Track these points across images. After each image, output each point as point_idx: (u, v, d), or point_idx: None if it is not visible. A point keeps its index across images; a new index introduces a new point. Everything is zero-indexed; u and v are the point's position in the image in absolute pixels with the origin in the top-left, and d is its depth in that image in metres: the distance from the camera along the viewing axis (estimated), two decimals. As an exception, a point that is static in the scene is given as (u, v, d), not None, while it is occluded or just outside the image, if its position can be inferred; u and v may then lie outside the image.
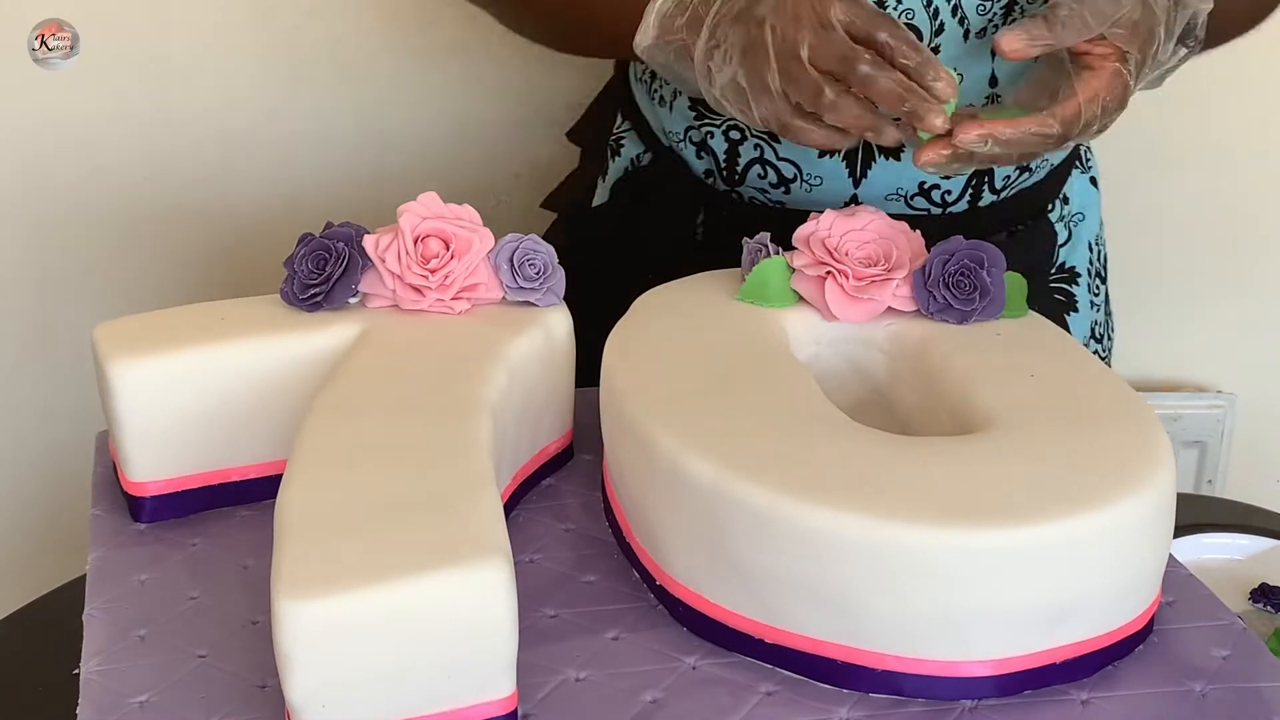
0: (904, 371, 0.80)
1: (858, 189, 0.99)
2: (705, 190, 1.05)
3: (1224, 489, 1.67)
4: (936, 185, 1.00)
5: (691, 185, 1.05)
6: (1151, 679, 0.67)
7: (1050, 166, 1.07)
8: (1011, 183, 1.03)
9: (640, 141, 1.10)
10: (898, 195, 1.00)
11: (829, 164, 0.99)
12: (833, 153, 0.98)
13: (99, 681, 0.67)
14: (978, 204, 1.03)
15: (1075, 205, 1.12)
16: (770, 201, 1.02)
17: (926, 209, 1.01)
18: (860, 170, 0.99)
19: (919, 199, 1.01)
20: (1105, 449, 0.68)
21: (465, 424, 0.71)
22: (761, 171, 1.01)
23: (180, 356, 0.78)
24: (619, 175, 1.11)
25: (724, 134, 1.01)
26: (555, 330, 0.82)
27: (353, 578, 0.59)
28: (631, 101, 1.10)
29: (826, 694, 0.66)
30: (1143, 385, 1.64)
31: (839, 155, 0.98)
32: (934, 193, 1.01)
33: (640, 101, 1.09)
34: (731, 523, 0.66)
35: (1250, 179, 1.59)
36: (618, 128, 1.12)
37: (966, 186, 1.01)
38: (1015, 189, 1.04)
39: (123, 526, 0.80)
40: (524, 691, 0.65)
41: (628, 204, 1.10)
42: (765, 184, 1.02)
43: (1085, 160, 1.14)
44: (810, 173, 1.00)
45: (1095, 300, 1.15)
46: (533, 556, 0.77)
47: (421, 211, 0.81)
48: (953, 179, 1.00)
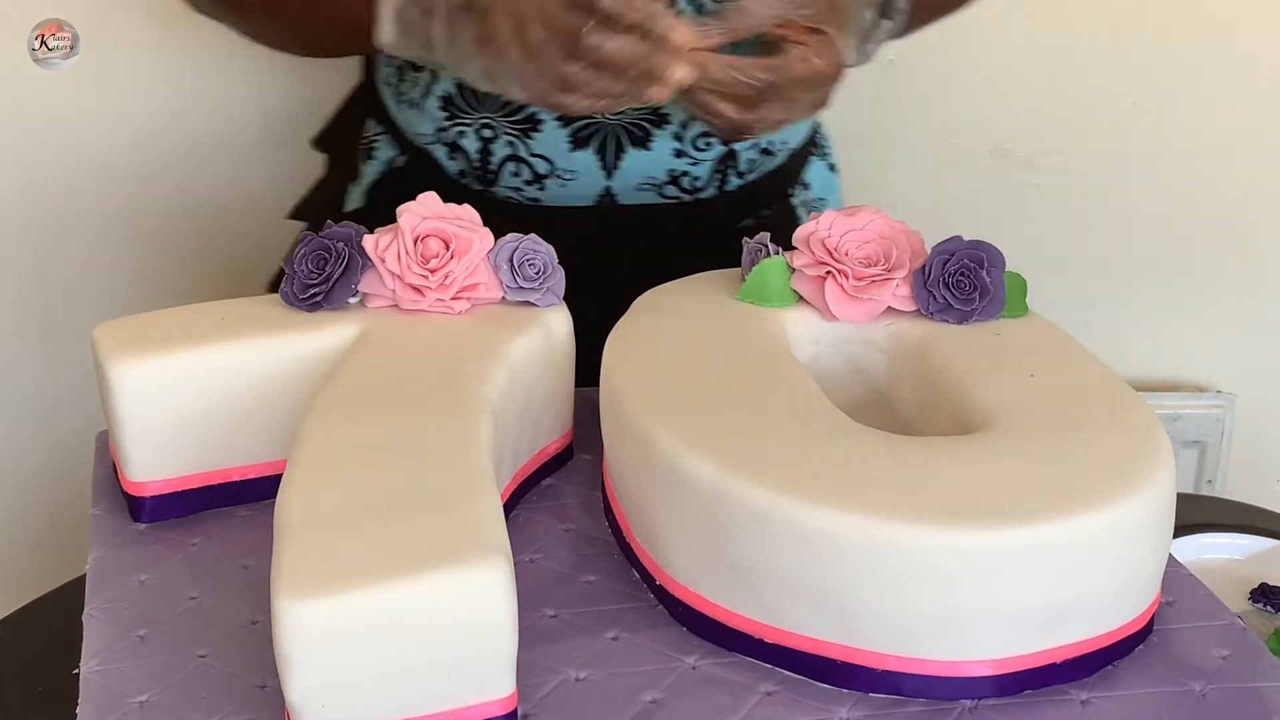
0: (904, 371, 0.80)
1: (610, 180, 1.01)
2: (460, 191, 1.04)
3: (1224, 489, 1.67)
4: (686, 173, 1.02)
5: (446, 187, 1.02)
6: (1151, 679, 0.67)
7: (790, 150, 1.09)
8: (755, 166, 1.06)
9: (394, 145, 1.09)
10: (649, 185, 1.02)
11: (581, 157, 1.00)
12: (583, 146, 0.99)
13: (99, 681, 0.67)
14: (725, 189, 1.05)
15: (816, 190, 1.14)
16: (525, 200, 1.03)
17: (677, 196, 1.03)
18: (612, 161, 1.00)
19: (669, 187, 1.03)
20: (1105, 449, 0.68)
21: (465, 424, 0.71)
22: (515, 169, 1.01)
23: (180, 356, 0.78)
24: (374, 179, 1.10)
25: (476, 133, 1.01)
26: (555, 330, 0.82)
27: (353, 578, 0.59)
28: (381, 105, 1.09)
29: (826, 694, 0.66)
30: (1143, 385, 1.64)
31: (591, 147, 0.99)
32: (684, 179, 1.03)
33: (389, 105, 1.08)
34: (731, 523, 0.66)
35: (1250, 179, 1.59)
36: (369, 132, 1.11)
37: (714, 173, 1.03)
38: (758, 172, 1.06)
39: (123, 526, 0.80)
40: (524, 691, 0.65)
41: (383, 208, 1.08)
42: (520, 181, 1.02)
43: (823, 148, 1.17)
44: (564, 167, 1.00)
45: None
46: (533, 556, 0.77)
47: (421, 211, 0.81)
48: (700, 165, 1.02)
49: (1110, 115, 1.55)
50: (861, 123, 1.54)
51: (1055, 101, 1.54)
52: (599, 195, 1.02)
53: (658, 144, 1.00)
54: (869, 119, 1.54)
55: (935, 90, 1.53)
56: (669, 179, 1.02)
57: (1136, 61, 1.53)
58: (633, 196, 1.02)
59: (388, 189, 1.09)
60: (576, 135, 0.99)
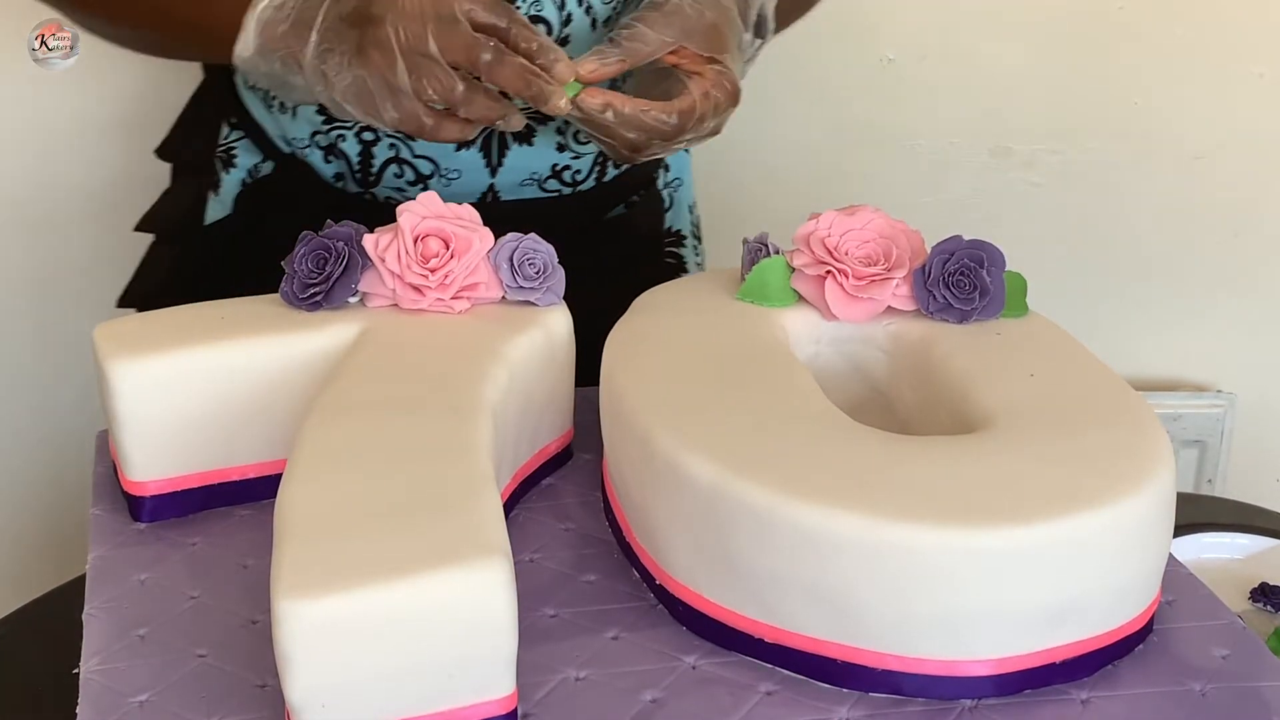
0: (904, 371, 0.80)
1: (495, 178, 1.01)
2: (337, 195, 1.03)
3: (1224, 489, 1.67)
4: (568, 167, 1.03)
5: (321, 191, 1.03)
6: (1151, 679, 0.67)
7: None
8: None
9: (257, 150, 1.06)
10: (532, 179, 1.02)
11: (466, 156, 0.99)
12: (468, 145, 0.99)
13: (99, 681, 0.67)
14: (603, 180, 1.06)
15: (673, 171, 1.15)
16: (408, 200, 1.00)
17: (559, 190, 1.04)
18: (497, 159, 1.00)
19: (552, 181, 1.03)
20: (1105, 449, 0.68)
21: (465, 424, 0.71)
22: (398, 170, 1.01)
23: (180, 356, 0.78)
24: (237, 187, 1.07)
25: (356, 136, 1.00)
26: (555, 330, 0.82)
27: (353, 578, 0.58)
28: (242, 110, 1.06)
29: (826, 694, 0.66)
30: (1143, 385, 1.64)
31: (476, 146, 0.99)
32: (565, 174, 1.03)
33: (254, 110, 1.05)
34: (731, 523, 0.66)
35: (1250, 179, 1.59)
36: (225, 138, 1.07)
37: (594, 165, 1.04)
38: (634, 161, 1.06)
39: (123, 526, 0.80)
40: (524, 691, 0.65)
41: (253, 216, 1.07)
42: (402, 182, 1.01)
43: None
44: (448, 167, 1.00)
45: (698, 260, 1.19)
46: (533, 556, 0.77)
47: (421, 211, 0.81)
48: (582, 159, 1.03)
49: (1110, 115, 1.55)
50: (861, 123, 1.54)
51: (1055, 101, 1.54)
52: (482, 193, 1.01)
53: (541, 140, 1.00)
54: (869, 119, 1.54)
55: (935, 90, 1.53)
56: (552, 173, 1.02)
57: (1137, 61, 1.53)
58: (516, 192, 1.02)
59: (255, 198, 1.06)
60: None
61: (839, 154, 1.56)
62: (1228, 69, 1.54)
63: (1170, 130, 1.56)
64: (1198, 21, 1.52)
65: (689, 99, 0.88)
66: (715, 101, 0.89)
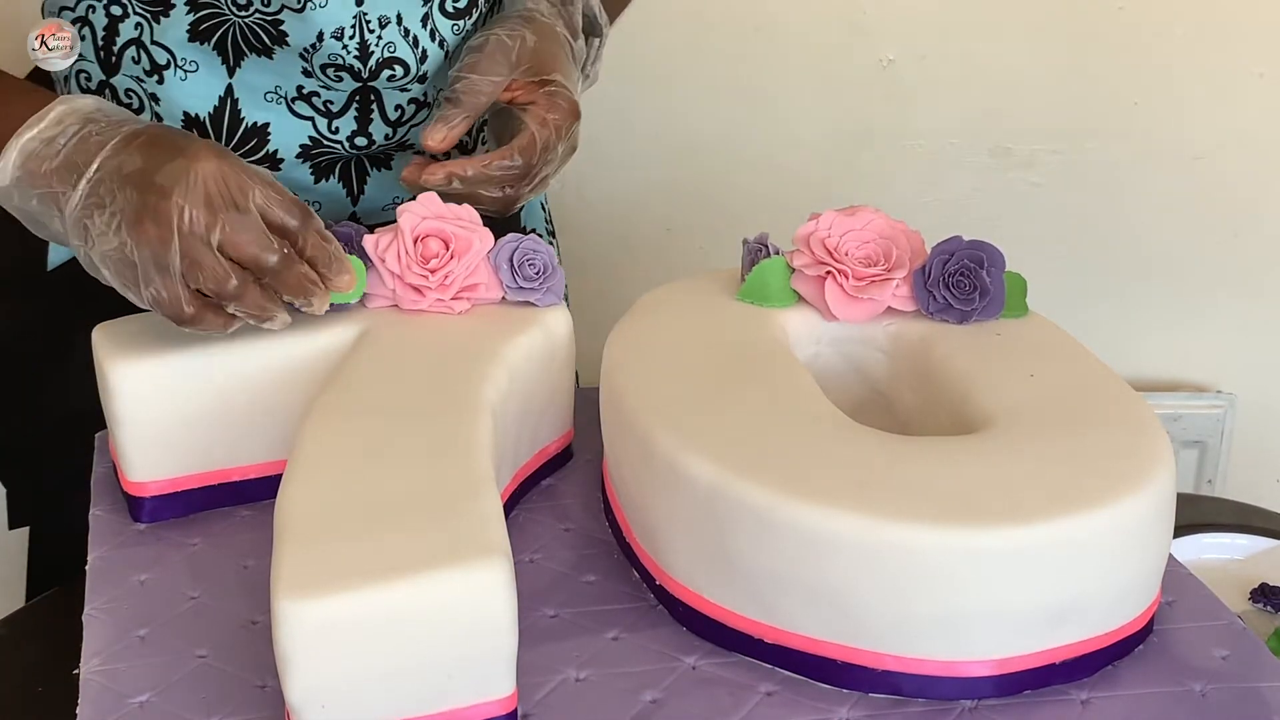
0: (904, 371, 0.80)
1: (356, 206, 0.99)
2: None
3: (1224, 489, 1.67)
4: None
5: None
6: (1151, 679, 0.67)
7: None
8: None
9: None
10: (394, 203, 1.00)
11: (325, 187, 0.97)
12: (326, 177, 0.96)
13: (99, 681, 0.67)
14: None
15: None
16: None
17: None
18: (357, 189, 0.99)
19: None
20: (1105, 449, 0.68)
21: (465, 424, 0.71)
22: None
23: (180, 356, 0.78)
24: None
25: None
26: (555, 330, 0.82)
27: (353, 578, 0.59)
28: None
29: (826, 694, 0.66)
30: (1143, 385, 1.64)
31: (334, 176, 0.97)
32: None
33: None
34: (731, 523, 0.66)
35: (1250, 179, 1.59)
36: None
37: None
38: None
39: (123, 526, 0.80)
40: (524, 691, 0.65)
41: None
42: None
43: None
44: (307, 199, 0.96)
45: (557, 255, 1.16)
46: (533, 556, 0.77)
47: (421, 211, 0.81)
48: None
49: (1110, 115, 1.55)
50: (861, 123, 1.54)
51: (1055, 101, 1.54)
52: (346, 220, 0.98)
53: (399, 164, 0.98)
54: (869, 119, 1.54)
55: (935, 90, 1.53)
56: (413, 196, 0.95)
57: (1137, 61, 1.53)
58: (379, 216, 1.00)
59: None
60: (317, 167, 0.96)
61: (839, 154, 1.56)
62: (1228, 69, 1.54)
63: (1170, 130, 1.56)
64: (1198, 21, 1.52)
65: (526, 133, 0.87)
66: (554, 125, 0.88)
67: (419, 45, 0.92)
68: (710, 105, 1.52)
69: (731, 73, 1.51)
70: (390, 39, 0.91)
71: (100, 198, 0.75)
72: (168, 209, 0.73)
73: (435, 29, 0.93)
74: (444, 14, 0.92)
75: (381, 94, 0.93)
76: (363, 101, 0.93)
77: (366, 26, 0.89)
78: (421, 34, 0.92)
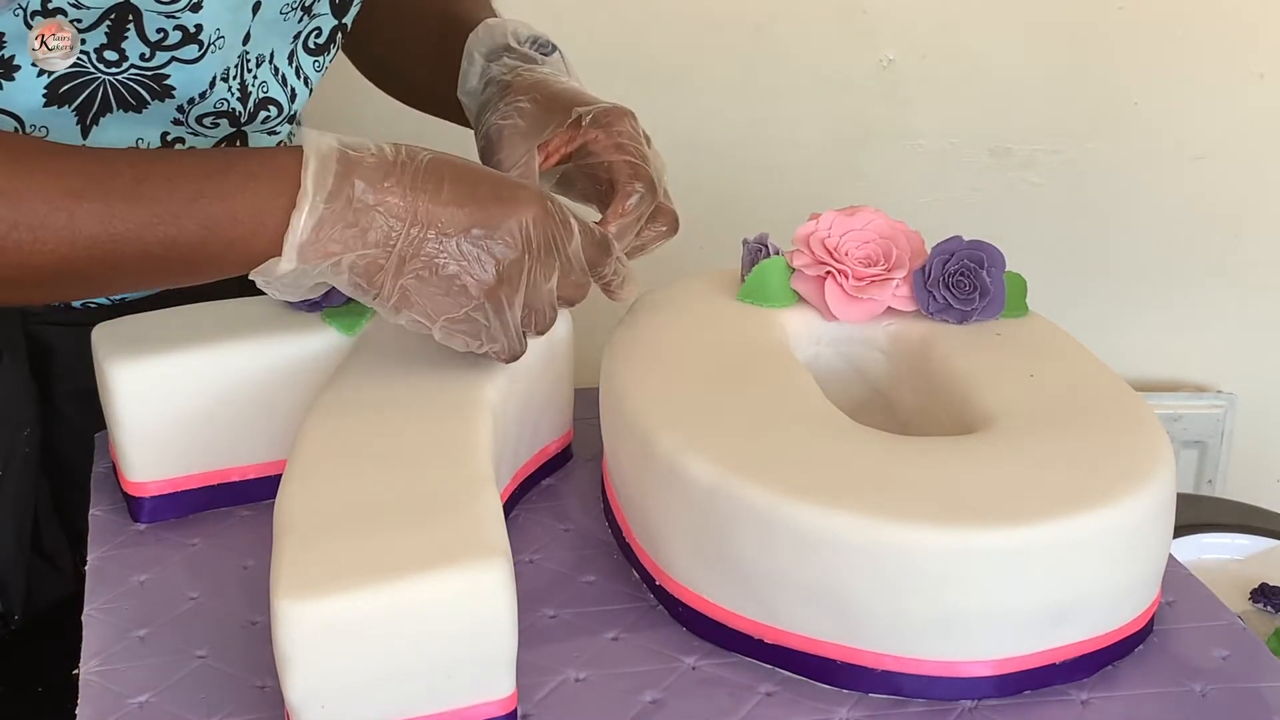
0: (904, 371, 0.80)
1: None
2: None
3: (1224, 489, 1.67)
4: None
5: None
6: (1151, 679, 0.67)
7: None
8: None
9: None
10: None
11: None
12: None
13: (99, 682, 0.67)
14: None
15: None
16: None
17: None
18: None
19: None
20: (1105, 449, 0.68)
21: (465, 424, 0.71)
22: None
23: (180, 356, 0.78)
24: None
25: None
26: (555, 330, 0.81)
27: (353, 578, 0.59)
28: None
29: (826, 694, 0.66)
30: (1143, 385, 1.64)
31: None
32: None
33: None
34: (731, 523, 0.66)
35: (1250, 179, 1.59)
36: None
37: None
38: None
39: (122, 526, 0.80)
40: (524, 691, 0.65)
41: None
42: None
43: None
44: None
45: None
46: (533, 557, 0.77)
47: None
48: None
49: (1110, 115, 1.55)
50: (861, 123, 1.54)
51: (1055, 101, 1.54)
52: None
53: None
54: (869, 119, 1.54)
55: (935, 90, 1.53)
56: None
57: (1137, 61, 1.53)
58: None
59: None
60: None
61: (839, 154, 1.56)
62: (1228, 69, 1.54)
63: (1170, 130, 1.56)
64: (1198, 21, 1.52)
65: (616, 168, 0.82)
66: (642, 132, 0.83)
67: (287, 84, 0.92)
68: (710, 105, 1.52)
69: (731, 73, 1.51)
70: (264, 78, 0.90)
71: (424, 258, 0.70)
72: (516, 271, 0.72)
73: (300, 66, 0.92)
74: (306, 51, 0.91)
75: (248, 138, 0.91)
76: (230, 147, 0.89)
77: (246, 66, 0.88)
78: (289, 72, 0.91)
